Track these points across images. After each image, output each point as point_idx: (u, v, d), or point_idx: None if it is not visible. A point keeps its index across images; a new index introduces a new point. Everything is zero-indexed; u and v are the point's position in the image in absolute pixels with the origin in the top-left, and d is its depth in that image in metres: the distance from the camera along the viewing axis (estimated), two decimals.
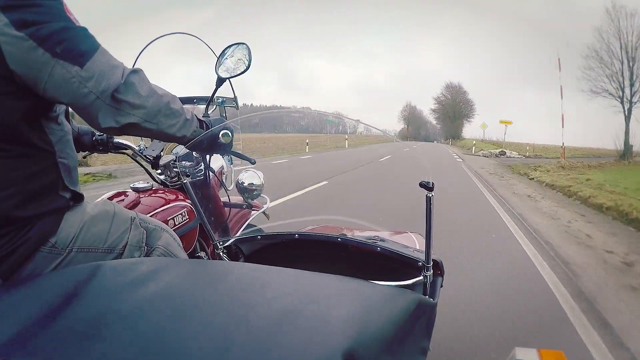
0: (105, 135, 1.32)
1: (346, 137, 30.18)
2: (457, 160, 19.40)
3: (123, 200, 1.21)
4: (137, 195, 1.27)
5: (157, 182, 1.48)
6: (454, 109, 70.49)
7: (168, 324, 0.51)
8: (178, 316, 0.53)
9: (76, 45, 0.68)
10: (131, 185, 1.34)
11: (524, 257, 3.60)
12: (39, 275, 0.69)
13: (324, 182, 7.69)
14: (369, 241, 1.02)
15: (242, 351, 0.46)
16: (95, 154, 1.42)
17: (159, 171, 1.48)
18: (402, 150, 21.13)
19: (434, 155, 20.84)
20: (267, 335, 0.49)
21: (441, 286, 1.00)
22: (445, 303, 1.41)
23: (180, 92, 1.36)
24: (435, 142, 79.98)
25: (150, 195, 1.31)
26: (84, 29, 0.70)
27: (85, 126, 1.30)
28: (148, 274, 0.63)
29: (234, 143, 0.98)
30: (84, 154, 1.35)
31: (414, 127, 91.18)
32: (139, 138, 1.45)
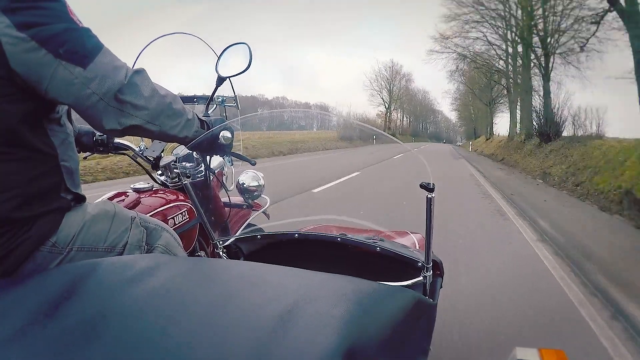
0: (105, 135, 1.32)
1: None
2: None
3: (123, 200, 1.22)
4: (138, 195, 1.27)
5: (157, 182, 1.48)
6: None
7: (166, 321, 0.51)
8: (176, 313, 0.53)
9: (79, 46, 0.67)
10: (132, 186, 1.34)
11: None
12: (38, 273, 0.69)
13: None
14: (369, 241, 1.02)
15: (240, 350, 0.46)
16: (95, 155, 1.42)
17: (160, 172, 1.49)
18: (390, 160, 12.75)
19: None
20: (266, 334, 0.48)
21: (441, 287, 0.99)
22: None
23: (181, 92, 1.36)
24: (455, 143, 57.91)
25: (150, 195, 1.31)
26: (87, 30, 0.70)
27: (85, 127, 1.30)
28: (147, 270, 0.63)
29: (234, 144, 0.98)
30: (84, 155, 1.36)
31: (408, 113, 61.25)
32: (140, 138, 1.45)
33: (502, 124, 42.20)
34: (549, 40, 15.02)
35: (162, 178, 1.48)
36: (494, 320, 2.22)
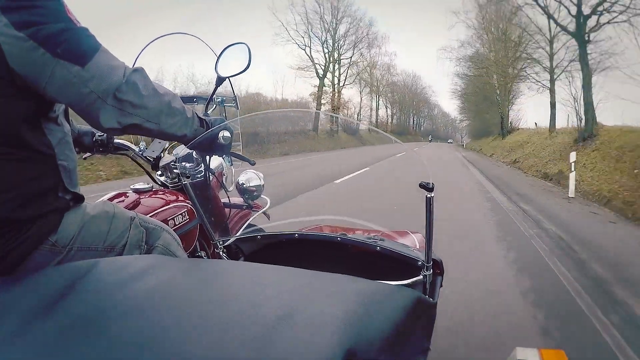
0: (105, 135, 1.32)
1: None
2: None
3: (123, 201, 1.22)
4: (137, 196, 1.27)
5: (157, 183, 1.48)
6: None
7: (165, 321, 0.51)
8: (176, 313, 0.53)
9: (77, 46, 0.67)
10: (131, 187, 1.34)
11: None
12: (38, 272, 0.69)
13: None
14: (369, 241, 1.02)
15: (241, 350, 0.45)
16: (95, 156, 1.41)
17: (159, 172, 1.49)
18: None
19: None
20: (267, 334, 0.48)
21: (441, 286, 1.00)
22: None
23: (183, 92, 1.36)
24: (458, 142, 43.05)
25: (150, 196, 1.31)
26: (85, 29, 0.70)
27: (85, 127, 1.30)
28: (146, 270, 0.63)
29: (233, 144, 0.98)
30: (84, 155, 1.36)
31: (390, 101, 43.01)
32: (139, 139, 1.45)
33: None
34: None
35: (162, 178, 1.48)
36: None
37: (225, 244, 1.05)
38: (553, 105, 15.68)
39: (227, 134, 0.95)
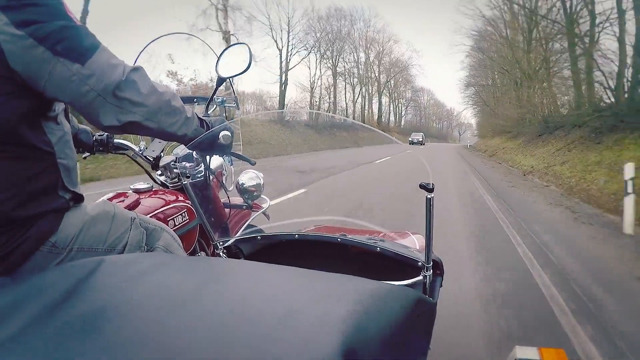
0: (105, 135, 1.32)
1: None
2: None
3: (123, 201, 1.22)
4: (137, 196, 1.27)
5: (157, 183, 1.48)
6: None
7: (166, 320, 0.51)
8: (177, 312, 0.53)
9: (77, 44, 0.68)
10: (131, 186, 1.34)
11: None
12: (39, 273, 0.69)
13: None
14: (369, 241, 1.02)
15: (240, 348, 0.45)
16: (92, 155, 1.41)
17: (159, 172, 1.49)
18: None
19: None
20: (266, 333, 0.48)
21: (440, 286, 1.00)
22: None
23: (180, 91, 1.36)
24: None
25: (150, 196, 1.31)
26: (84, 28, 0.71)
27: (84, 126, 1.30)
28: (148, 268, 0.63)
29: (233, 144, 0.98)
30: (84, 155, 1.36)
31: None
32: (140, 138, 1.45)
33: None
34: None
35: (162, 178, 1.48)
36: None
37: (225, 244, 1.05)
38: None
39: (227, 133, 0.94)
